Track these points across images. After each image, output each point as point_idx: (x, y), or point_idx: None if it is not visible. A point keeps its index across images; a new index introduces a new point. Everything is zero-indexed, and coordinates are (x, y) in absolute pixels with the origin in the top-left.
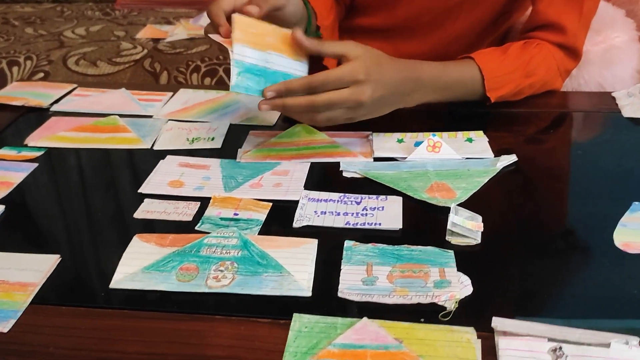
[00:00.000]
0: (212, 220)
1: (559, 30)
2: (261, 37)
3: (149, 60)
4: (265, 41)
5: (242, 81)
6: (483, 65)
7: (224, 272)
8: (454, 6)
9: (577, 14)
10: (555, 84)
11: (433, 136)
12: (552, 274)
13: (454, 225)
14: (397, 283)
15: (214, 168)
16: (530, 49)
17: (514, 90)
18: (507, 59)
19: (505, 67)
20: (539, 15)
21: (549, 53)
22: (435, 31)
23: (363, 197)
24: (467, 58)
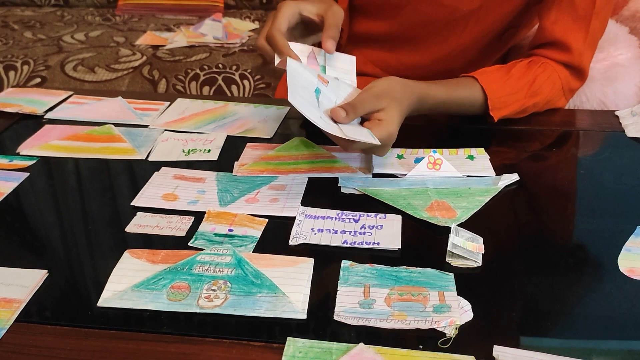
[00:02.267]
0: (206, 236)
1: (564, 49)
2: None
3: (147, 68)
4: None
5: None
6: (486, 85)
7: (216, 292)
8: (460, 19)
9: (584, 33)
10: (559, 102)
11: (434, 153)
12: (556, 299)
13: (455, 247)
14: (395, 306)
15: (210, 181)
16: (534, 69)
17: (518, 110)
18: (510, 78)
19: (509, 87)
20: (544, 32)
21: (553, 72)
22: (440, 44)
23: (361, 214)
24: (470, 77)
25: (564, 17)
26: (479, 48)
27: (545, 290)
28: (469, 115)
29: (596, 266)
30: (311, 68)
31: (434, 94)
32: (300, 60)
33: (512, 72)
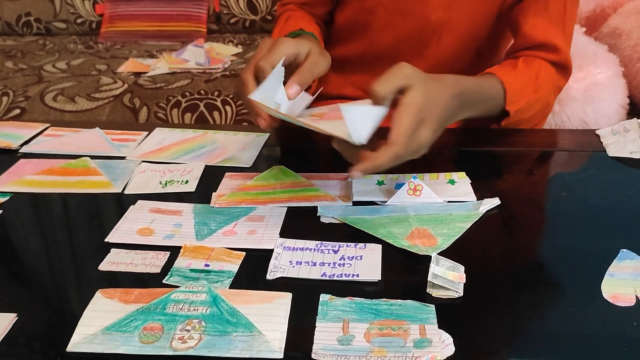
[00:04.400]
0: (182, 272)
1: (551, 49)
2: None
3: (128, 96)
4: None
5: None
6: (504, 78)
7: (190, 332)
8: (431, 31)
9: (562, 33)
10: (551, 100)
11: (414, 179)
12: (540, 329)
13: (435, 277)
14: (374, 342)
15: (187, 214)
16: (534, 65)
17: (526, 105)
18: (518, 73)
19: (519, 81)
20: (527, 38)
21: (547, 70)
22: (416, 59)
23: (341, 245)
24: (487, 73)
25: (541, 22)
26: (457, 64)
27: (529, 320)
28: (488, 115)
29: (582, 294)
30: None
31: (467, 82)
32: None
33: (518, 68)
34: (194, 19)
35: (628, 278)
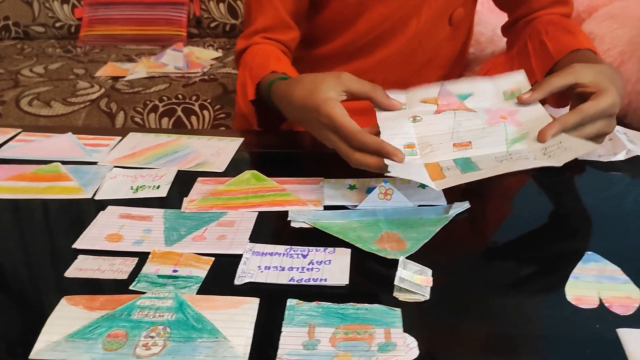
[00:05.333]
0: (149, 278)
1: (564, 3)
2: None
3: (105, 100)
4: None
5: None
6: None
7: (154, 339)
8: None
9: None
10: None
11: (385, 183)
12: (504, 332)
13: (402, 281)
14: (339, 347)
15: (157, 219)
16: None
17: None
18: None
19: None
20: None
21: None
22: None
23: (310, 249)
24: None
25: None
26: (434, 36)
27: (492, 323)
28: None
29: (547, 296)
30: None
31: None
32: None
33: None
34: (174, 23)
35: (592, 280)
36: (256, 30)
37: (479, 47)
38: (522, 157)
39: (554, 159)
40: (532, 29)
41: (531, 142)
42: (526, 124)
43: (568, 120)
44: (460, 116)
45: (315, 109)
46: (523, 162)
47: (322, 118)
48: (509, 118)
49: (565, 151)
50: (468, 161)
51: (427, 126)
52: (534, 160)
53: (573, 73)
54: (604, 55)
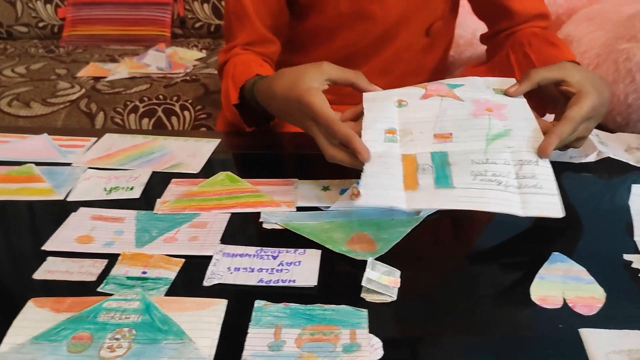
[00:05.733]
0: (118, 280)
1: (543, 17)
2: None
3: (85, 101)
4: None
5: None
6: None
7: (119, 341)
8: (395, 24)
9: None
10: None
11: (357, 184)
12: (468, 331)
13: (369, 282)
14: (305, 347)
15: (129, 221)
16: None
17: None
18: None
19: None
20: (520, 14)
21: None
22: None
23: (281, 250)
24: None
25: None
26: (412, 48)
27: (458, 324)
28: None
29: (513, 297)
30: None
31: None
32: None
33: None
34: (158, 23)
35: (557, 281)
36: (236, 45)
37: (458, 49)
38: (496, 180)
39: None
40: (514, 41)
41: (512, 140)
42: (511, 120)
43: (563, 131)
44: (447, 103)
45: (297, 99)
46: (493, 205)
47: (304, 107)
48: (495, 111)
49: (537, 197)
50: (444, 161)
51: (412, 112)
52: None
53: (562, 69)
54: (580, 57)
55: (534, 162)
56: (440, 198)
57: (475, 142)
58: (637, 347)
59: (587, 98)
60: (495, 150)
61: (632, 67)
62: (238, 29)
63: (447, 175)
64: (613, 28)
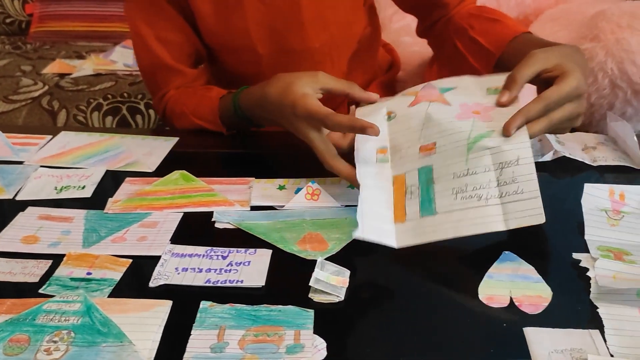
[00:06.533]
0: (61, 282)
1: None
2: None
3: (47, 98)
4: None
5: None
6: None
7: (57, 344)
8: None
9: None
10: None
11: (312, 183)
12: (412, 331)
13: (317, 282)
14: (247, 349)
15: (78, 220)
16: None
17: None
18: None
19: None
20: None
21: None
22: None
23: (231, 250)
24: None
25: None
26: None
27: (403, 324)
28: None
29: (461, 297)
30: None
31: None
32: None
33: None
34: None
35: (505, 279)
36: (168, 91)
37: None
38: (476, 196)
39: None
40: (455, 27)
41: (492, 140)
42: (497, 121)
43: (531, 109)
44: (433, 108)
45: (291, 104)
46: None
47: (298, 110)
48: (482, 113)
49: (518, 205)
50: (429, 179)
51: (400, 123)
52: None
53: (537, 61)
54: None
55: (514, 163)
56: (425, 230)
57: (457, 148)
58: (579, 347)
59: (569, 77)
60: (476, 156)
61: (594, 67)
62: (164, 80)
63: (431, 198)
64: (576, 28)
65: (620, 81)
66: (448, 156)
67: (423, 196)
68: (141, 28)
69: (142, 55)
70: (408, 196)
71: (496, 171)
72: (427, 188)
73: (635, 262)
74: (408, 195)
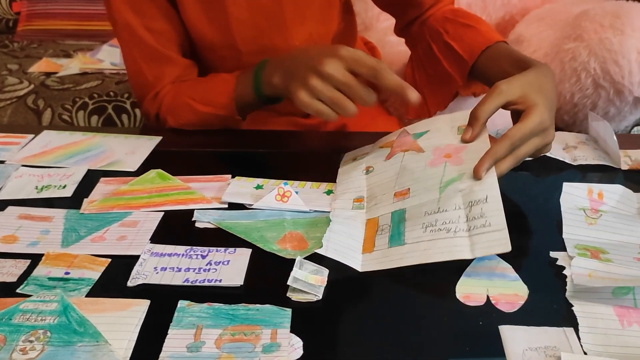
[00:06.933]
0: (39, 281)
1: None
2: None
3: (32, 97)
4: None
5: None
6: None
7: (33, 343)
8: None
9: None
10: None
11: (284, 185)
12: (390, 329)
13: (296, 281)
14: (224, 348)
15: (57, 220)
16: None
17: None
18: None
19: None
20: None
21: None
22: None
23: (211, 250)
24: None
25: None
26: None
27: (381, 323)
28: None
29: (438, 296)
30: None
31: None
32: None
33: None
34: None
35: (482, 278)
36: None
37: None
38: (445, 229)
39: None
40: (431, 30)
41: (463, 182)
42: (467, 163)
43: (498, 150)
44: (407, 158)
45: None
46: (440, 254)
47: (330, 46)
48: (453, 156)
49: (485, 236)
50: (401, 218)
51: (377, 175)
52: (449, 250)
53: (500, 94)
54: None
55: (483, 201)
56: (391, 258)
57: (430, 192)
58: (553, 344)
59: (532, 113)
60: (447, 197)
61: (577, 67)
62: (156, 74)
63: (401, 232)
64: (561, 28)
65: (603, 81)
66: (421, 199)
67: (393, 231)
68: (129, 18)
69: (131, 49)
70: (379, 233)
71: (466, 209)
72: (399, 225)
73: (611, 261)
74: (379, 233)
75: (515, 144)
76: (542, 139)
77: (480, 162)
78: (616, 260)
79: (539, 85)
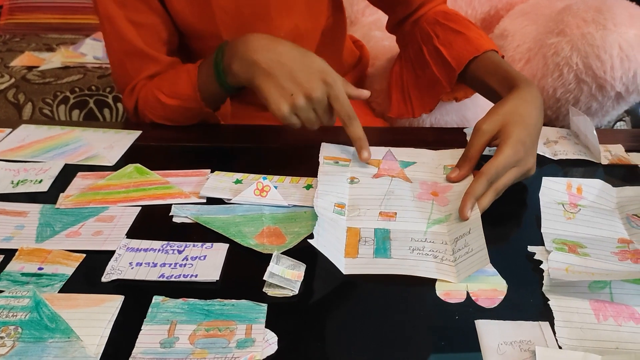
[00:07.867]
0: (12, 277)
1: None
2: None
3: (13, 91)
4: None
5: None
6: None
7: (4, 339)
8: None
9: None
10: None
11: (264, 179)
12: (366, 329)
13: (272, 276)
14: (198, 344)
15: (32, 215)
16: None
17: None
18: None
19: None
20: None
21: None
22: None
23: (187, 245)
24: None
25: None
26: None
27: (357, 319)
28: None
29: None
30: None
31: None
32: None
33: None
34: None
35: None
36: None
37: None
38: (432, 255)
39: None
40: (421, 31)
41: (450, 224)
42: (452, 203)
43: (476, 189)
44: (395, 184)
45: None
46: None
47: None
48: (440, 196)
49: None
50: (386, 236)
51: (362, 189)
52: (436, 271)
53: (483, 134)
54: (513, 52)
55: (467, 234)
56: (377, 265)
57: (417, 224)
58: (528, 338)
59: (504, 147)
60: (434, 232)
61: (560, 62)
62: (136, 68)
63: (387, 248)
64: (544, 22)
65: (585, 76)
66: (408, 226)
67: (378, 245)
68: (111, 9)
69: (112, 42)
70: (362, 243)
71: (452, 244)
72: (384, 242)
73: (588, 255)
74: (362, 243)
75: (491, 179)
76: (520, 168)
77: (462, 203)
78: (594, 254)
79: (519, 114)
